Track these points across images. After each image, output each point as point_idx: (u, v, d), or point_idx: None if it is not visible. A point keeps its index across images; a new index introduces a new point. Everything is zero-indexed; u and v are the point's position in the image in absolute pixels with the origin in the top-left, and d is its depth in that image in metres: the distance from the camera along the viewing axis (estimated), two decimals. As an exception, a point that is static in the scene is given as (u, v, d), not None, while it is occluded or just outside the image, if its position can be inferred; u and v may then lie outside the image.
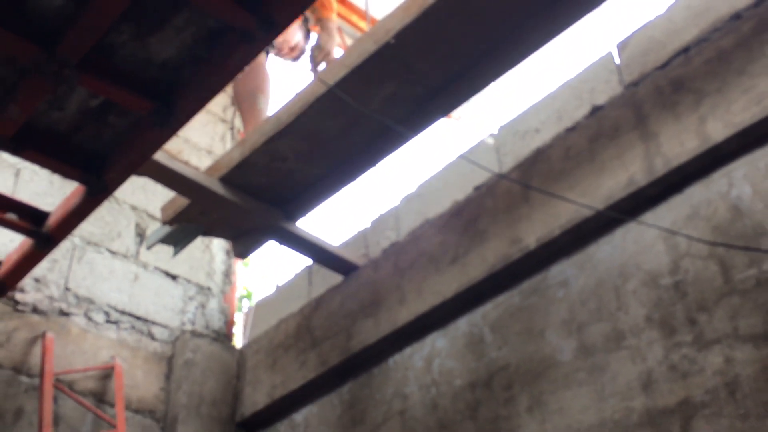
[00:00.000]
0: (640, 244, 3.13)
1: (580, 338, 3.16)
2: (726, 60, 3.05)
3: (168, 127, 2.95)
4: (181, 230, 3.90)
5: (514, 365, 3.35)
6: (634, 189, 3.14)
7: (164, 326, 4.58)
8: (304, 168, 3.73)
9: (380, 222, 4.26)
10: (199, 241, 4.90)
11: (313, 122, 3.49)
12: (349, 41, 6.53)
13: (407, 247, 3.95)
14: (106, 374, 4.22)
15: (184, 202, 3.77)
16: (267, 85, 4.71)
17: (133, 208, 4.81)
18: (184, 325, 4.65)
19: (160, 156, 3.45)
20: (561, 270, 3.35)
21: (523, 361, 3.32)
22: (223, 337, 4.80)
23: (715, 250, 2.90)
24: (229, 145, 5.43)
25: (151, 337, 4.51)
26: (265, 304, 4.79)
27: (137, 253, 4.68)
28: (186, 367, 4.40)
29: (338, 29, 5.40)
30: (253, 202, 3.81)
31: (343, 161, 3.72)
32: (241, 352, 4.65)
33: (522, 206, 3.50)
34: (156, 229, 4.03)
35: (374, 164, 3.73)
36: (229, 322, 4.94)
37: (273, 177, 3.75)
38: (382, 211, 4.29)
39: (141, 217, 4.81)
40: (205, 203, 3.74)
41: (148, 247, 4.07)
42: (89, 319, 4.30)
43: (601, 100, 3.45)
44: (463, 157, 3.86)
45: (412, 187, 4.19)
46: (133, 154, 3.10)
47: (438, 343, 3.70)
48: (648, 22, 3.40)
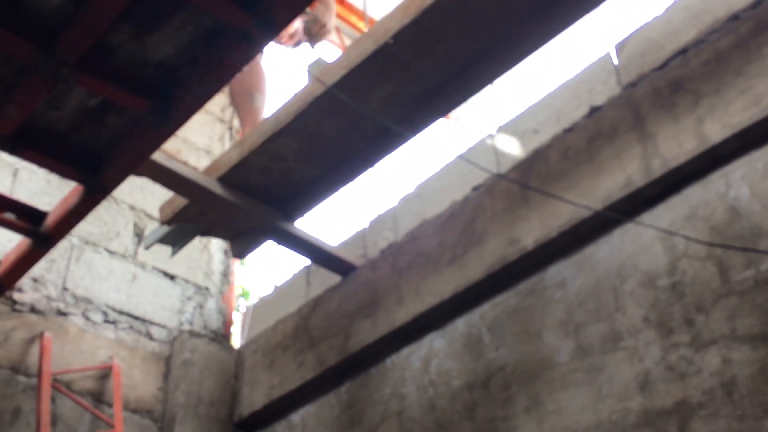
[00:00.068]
0: (638, 244, 3.13)
1: (578, 339, 3.17)
2: (724, 61, 3.05)
3: (166, 127, 2.95)
4: (180, 230, 3.89)
5: (512, 366, 3.35)
6: (632, 190, 3.14)
7: (162, 326, 4.57)
8: (303, 168, 3.73)
9: (378, 222, 4.26)
10: (198, 241, 4.90)
11: (311, 122, 3.49)
12: (348, 41, 6.54)
13: (405, 248, 3.95)
14: (104, 374, 4.21)
15: (182, 202, 3.77)
16: (263, 83, 4.70)
17: (132, 207, 4.80)
18: (182, 325, 4.65)
19: (159, 156, 3.45)
20: (559, 270, 3.35)
21: (521, 362, 3.32)
22: (221, 337, 4.80)
23: (713, 250, 2.90)
24: (228, 145, 5.42)
25: (149, 337, 4.50)
26: (263, 305, 4.79)
27: (135, 253, 4.68)
28: (184, 367, 4.39)
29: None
30: (252, 202, 3.81)
31: (342, 161, 3.72)
32: (239, 352, 4.65)
33: (520, 207, 3.50)
34: (154, 229, 4.02)
35: (373, 164, 3.73)
36: (227, 322, 4.93)
37: (271, 177, 3.75)
38: (381, 212, 4.29)
39: (139, 217, 4.81)
40: (203, 203, 3.74)
41: (147, 247, 4.06)
42: (87, 318, 4.30)
43: (600, 100, 3.45)
44: (461, 158, 3.86)
45: (411, 188, 4.19)
46: (132, 154, 3.10)
47: (436, 343, 3.70)
48: (646, 23, 3.41)
